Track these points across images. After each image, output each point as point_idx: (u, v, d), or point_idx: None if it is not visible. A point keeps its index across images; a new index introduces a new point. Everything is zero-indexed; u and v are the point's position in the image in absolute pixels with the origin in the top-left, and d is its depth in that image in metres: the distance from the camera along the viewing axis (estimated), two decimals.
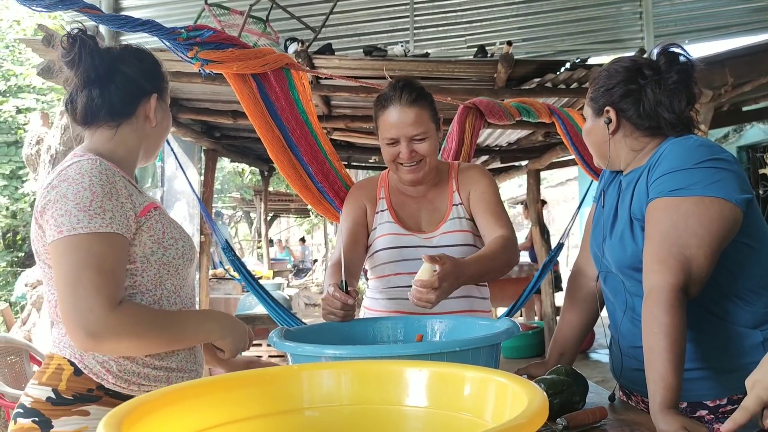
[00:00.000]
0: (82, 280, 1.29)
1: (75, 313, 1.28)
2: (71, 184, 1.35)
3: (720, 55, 4.10)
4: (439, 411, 0.86)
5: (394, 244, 1.98)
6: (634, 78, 1.54)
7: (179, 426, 0.80)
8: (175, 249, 1.48)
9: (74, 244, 1.31)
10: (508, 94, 4.45)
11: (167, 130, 1.63)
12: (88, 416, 1.37)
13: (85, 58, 1.44)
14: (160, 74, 1.58)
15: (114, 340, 1.30)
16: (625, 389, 1.66)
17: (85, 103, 1.49)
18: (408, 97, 1.89)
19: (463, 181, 2.04)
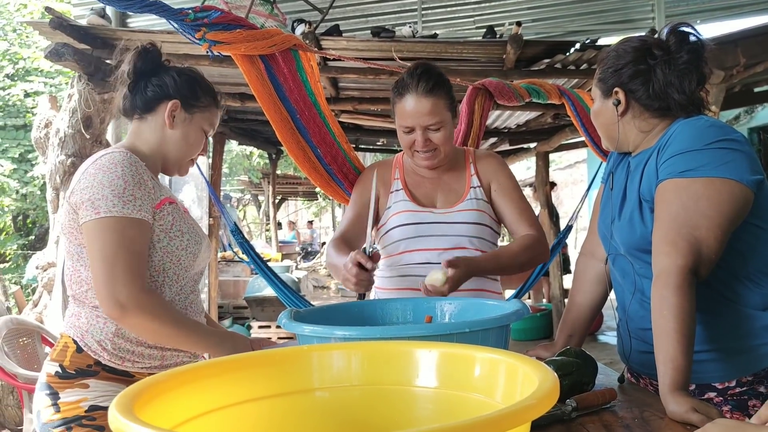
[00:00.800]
0: (119, 259, 1.47)
1: (110, 287, 1.46)
2: (106, 173, 1.52)
3: (732, 35, 4.04)
4: (450, 391, 0.87)
5: (409, 221, 2.00)
6: (644, 58, 1.52)
7: (190, 406, 0.80)
8: (180, 240, 1.63)
9: (110, 225, 1.48)
10: (518, 76, 4.41)
11: (188, 145, 1.72)
12: (87, 389, 1.54)
13: (138, 62, 1.67)
14: (194, 92, 1.70)
15: (138, 316, 1.48)
16: (634, 372, 1.66)
17: (123, 97, 1.71)
18: (425, 86, 1.89)
19: (483, 169, 2.06)
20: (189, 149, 1.73)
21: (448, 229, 1.97)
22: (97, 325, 1.56)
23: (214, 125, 1.78)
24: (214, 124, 1.77)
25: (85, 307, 1.59)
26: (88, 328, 1.56)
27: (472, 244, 1.97)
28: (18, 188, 11.55)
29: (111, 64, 4.60)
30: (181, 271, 1.64)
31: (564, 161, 19.40)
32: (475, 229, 1.97)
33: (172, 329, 1.54)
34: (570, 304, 1.83)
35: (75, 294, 1.61)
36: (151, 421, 0.69)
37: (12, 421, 4.49)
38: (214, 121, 1.78)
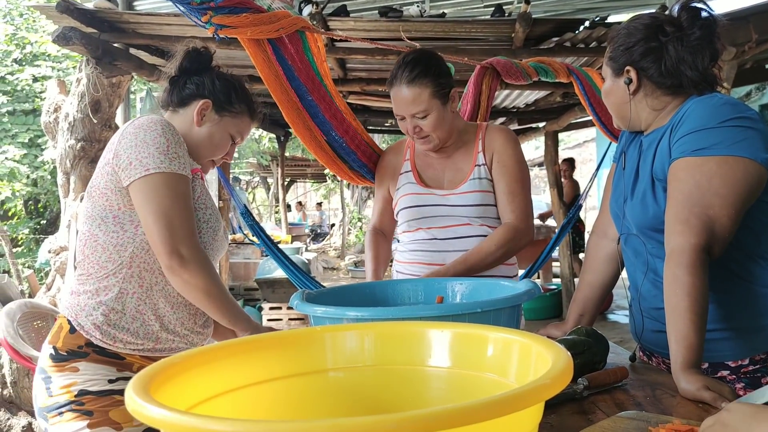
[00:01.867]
0: (176, 214, 1.52)
1: (172, 240, 1.50)
2: (147, 131, 1.55)
3: (744, 11, 3.99)
4: (463, 371, 0.87)
5: (413, 203, 2.08)
6: (655, 35, 1.50)
7: (205, 388, 0.81)
8: (203, 212, 1.66)
9: (163, 180, 1.52)
10: (526, 54, 4.37)
11: (212, 146, 1.75)
12: (77, 372, 1.54)
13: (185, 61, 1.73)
14: (229, 97, 1.74)
15: (195, 269, 1.52)
16: (646, 351, 1.66)
17: (164, 89, 1.78)
18: (408, 76, 1.95)
19: (489, 144, 2.09)
20: (212, 149, 1.75)
21: (450, 211, 2.04)
22: (94, 299, 1.56)
23: (243, 134, 1.80)
24: (243, 132, 1.80)
25: (87, 281, 1.59)
26: (84, 304, 1.57)
27: (477, 223, 2.03)
28: (28, 173, 11.60)
29: (119, 47, 4.60)
30: (203, 245, 1.63)
31: (573, 140, 19.29)
32: (477, 210, 2.02)
33: (221, 293, 1.58)
34: (581, 283, 1.83)
35: (85, 260, 1.60)
36: (167, 402, 0.70)
37: (28, 402, 4.55)
38: (244, 131, 1.80)
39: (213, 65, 1.79)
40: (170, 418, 0.58)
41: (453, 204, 2.03)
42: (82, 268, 1.61)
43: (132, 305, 1.58)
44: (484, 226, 2.03)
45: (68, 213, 4.72)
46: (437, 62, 2.01)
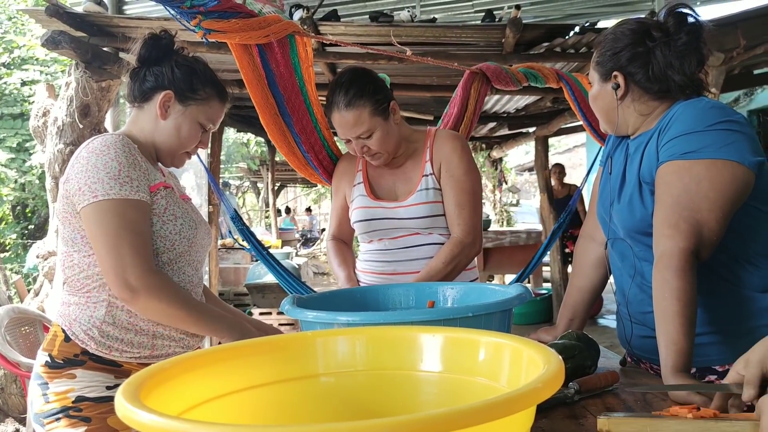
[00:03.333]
0: (124, 241, 1.46)
1: (119, 270, 1.45)
2: (99, 156, 1.51)
3: (732, 17, 4.02)
4: (454, 376, 0.87)
5: (364, 216, 2.10)
6: (642, 40, 1.51)
7: (196, 393, 0.81)
8: (173, 225, 1.60)
9: (110, 207, 1.47)
10: (517, 59, 4.39)
11: (180, 138, 1.69)
12: (74, 379, 1.53)
13: (143, 50, 1.67)
14: (190, 84, 1.67)
15: (148, 297, 1.47)
16: (635, 356, 1.66)
17: (127, 84, 1.72)
18: (344, 100, 1.95)
19: (437, 152, 2.09)
20: (181, 142, 1.69)
21: (398, 223, 2.06)
22: (86, 312, 1.55)
23: (213, 120, 1.73)
24: (213, 118, 1.73)
25: (75, 294, 1.58)
26: (76, 316, 1.55)
27: (426, 233, 2.06)
28: (16, 177, 11.52)
29: (109, 51, 4.58)
30: (176, 257, 1.62)
31: (563, 145, 19.36)
32: (425, 221, 2.05)
33: (182, 311, 1.52)
34: (570, 288, 1.83)
35: (67, 279, 1.60)
36: (158, 408, 0.69)
37: (15, 409, 4.51)
38: (214, 116, 1.73)
39: (177, 48, 1.72)
40: (160, 424, 0.58)
41: (401, 217, 2.06)
42: (67, 284, 1.61)
43: (123, 318, 1.56)
44: (434, 234, 2.06)
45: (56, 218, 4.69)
46: (370, 79, 2.02)
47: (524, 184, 19.48)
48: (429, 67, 4.61)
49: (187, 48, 1.75)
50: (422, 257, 2.04)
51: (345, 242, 2.26)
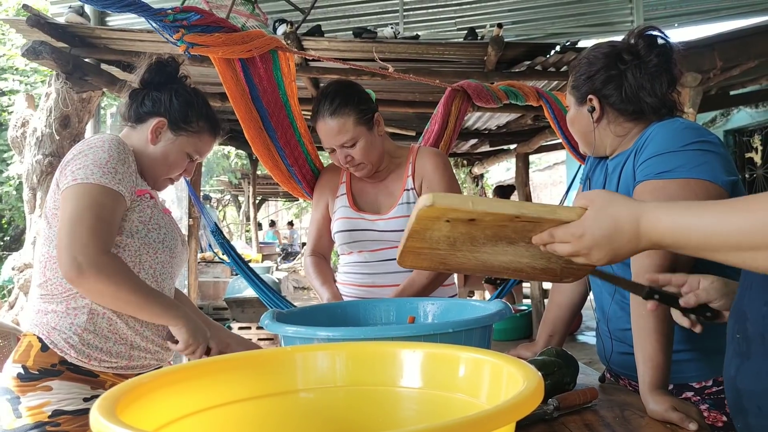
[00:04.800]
0: (83, 220, 1.45)
1: (70, 246, 1.43)
2: (92, 148, 1.54)
3: (709, 39, 4.09)
4: (434, 392, 0.87)
5: (345, 227, 2.12)
6: (615, 63, 1.54)
7: (174, 408, 0.80)
8: (157, 233, 1.62)
9: (83, 191, 1.48)
10: (498, 77, 4.43)
11: (167, 165, 1.71)
12: (50, 391, 1.49)
13: (147, 73, 1.70)
14: (185, 115, 1.70)
15: (95, 278, 1.43)
16: (613, 373, 1.67)
17: (124, 102, 1.75)
18: (329, 108, 1.99)
19: (419, 167, 2.13)
20: (167, 169, 1.72)
21: (378, 236, 2.08)
22: (66, 320, 1.53)
23: (201, 152, 1.76)
24: (201, 150, 1.76)
25: (53, 301, 1.55)
26: (56, 324, 1.53)
27: None
28: None
29: (90, 62, 4.55)
30: (158, 266, 1.62)
31: (543, 162, 19.51)
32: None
33: (130, 294, 1.48)
34: (550, 304, 1.84)
35: (46, 283, 1.56)
36: (134, 423, 0.69)
37: None
38: (202, 149, 1.76)
39: (180, 76, 1.76)
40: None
41: (381, 229, 2.08)
42: (45, 289, 1.57)
43: (104, 325, 1.55)
44: None
45: (34, 229, 4.63)
46: (356, 90, 2.06)
47: None
48: (411, 83, 4.63)
49: (190, 77, 1.79)
50: (401, 270, 2.05)
51: (324, 257, 2.25)
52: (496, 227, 1.00)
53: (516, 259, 1.10)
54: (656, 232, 0.91)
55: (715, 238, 0.86)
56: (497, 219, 0.98)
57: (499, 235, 1.02)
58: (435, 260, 1.13)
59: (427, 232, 1.03)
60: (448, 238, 1.04)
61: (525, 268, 1.13)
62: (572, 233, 0.97)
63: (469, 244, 1.05)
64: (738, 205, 0.85)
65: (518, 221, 0.98)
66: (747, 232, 0.82)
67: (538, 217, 0.98)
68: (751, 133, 7.60)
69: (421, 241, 1.06)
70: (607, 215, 0.95)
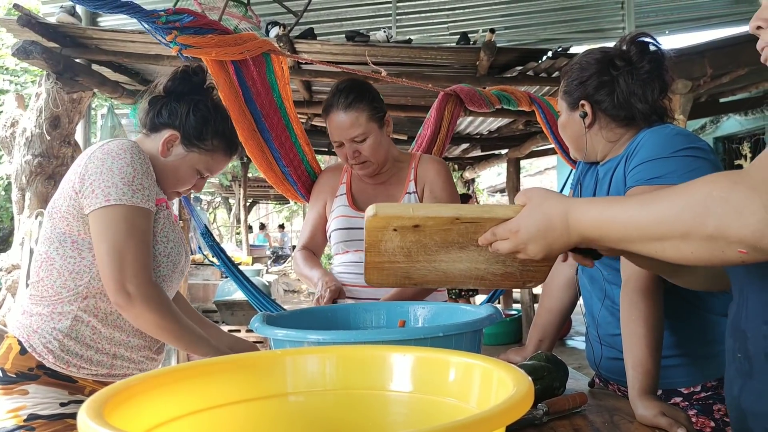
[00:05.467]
0: (129, 248, 1.47)
1: (120, 276, 1.45)
2: (115, 159, 1.51)
3: (699, 46, 4.13)
4: (424, 396, 0.86)
5: (344, 225, 2.14)
6: (607, 69, 1.54)
7: (162, 411, 0.79)
8: (164, 245, 1.61)
9: (119, 214, 1.48)
10: (490, 82, 4.45)
11: (176, 179, 1.69)
12: (27, 395, 1.48)
13: (172, 82, 1.68)
14: (200, 132, 1.67)
15: (144, 308, 1.47)
16: (603, 379, 1.68)
17: (143, 108, 1.72)
18: (344, 101, 2.02)
19: (421, 174, 2.16)
20: (175, 183, 1.69)
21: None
22: (49, 324, 1.51)
23: (212, 170, 1.73)
24: (212, 169, 1.73)
25: (40, 303, 1.53)
26: (37, 327, 1.51)
27: None
28: None
29: (81, 62, 4.53)
30: (159, 279, 1.60)
31: (534, 168, 19.58)
32: None
33: (173, 325, 1.52)
34: (540, 309, 1.85)
35: (38, 283, 1.55)
36: (122, 426, 0.68)
37: None
38: (214, 167, 1.73)
39: (207, 87, 1.73)
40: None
41: None
42: (35, 289, 1.56)
43: (87, 334, 1.53)
44: None
45: (22, 230, 4.60)
46: (370, 88, 2.10)
47: None
48: (404, 87, 4.64)
49: (216, 89, 1.76)
50: None
51: (314, 253, 2.26)
52: (442, 232, 1.03)
53: (473, 265, 1.12)
54: (582, 225, 0.95)
55: (632, 229, 0.89)
56: (439, 223, 1.01)
57: (447, 240, 1.05)
58: (398, 275, 1.17)
59: (380, 243, 1.07)
60: (402, 249, 1.07)
61: (486, 275, 1.16)
62: (509, 229, 1.01)
63: (423, 253, 1.08)
64: (653, 197, 0.88)
65: (459, 223, 1.01)
66: (657, 222, 0.85)
67: (476, 218, 1.01)
68: (740, 141, 7.65)
69: (378, 255, 1.09)
70: (540, 211, 0.98)
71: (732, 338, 1.03)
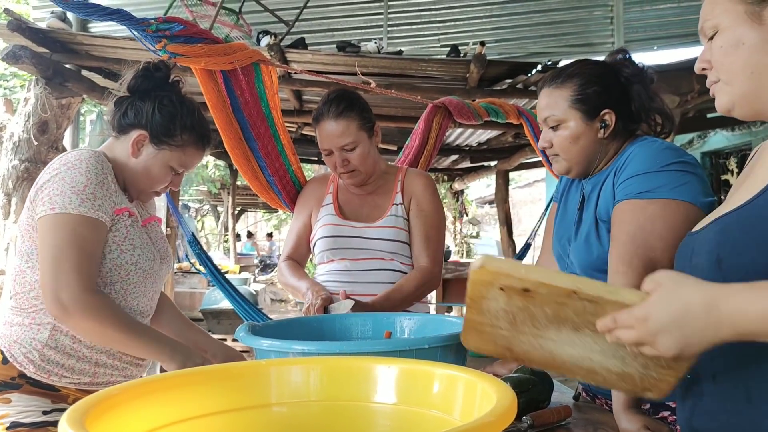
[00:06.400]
0: (66, 257, 1.42)
1: (54, 285, 1.41)
2: (69, 168, 1.48)
3: (687, 62, 4.16)
4: (408, 408, 0.86)
5: (330, 233, 2.14)
6: (618, 78, 1.55)
7: (144, 421, 0.79)
8: (130, 254, 1.57)
9: (63, 222, 1.44)
10: (480, 95, 4.47)
11: (149, 179, 1.65)
12: (9, 403, 1.47)
13: (134, 80, 1.63)
14: (168, 128, 1.62)
15: (80, 317, 1.42)
16: (590, 392, 1.68)
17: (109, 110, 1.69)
18: (335, 110, 2.04)
19: (408, 187, 2.18)
20: (149, 182, 1.65)
21: (364, 244, 2.11)
22: (28, 334, 1.50)
23: (187, 165, 1.68)
24: (186, 163, 1.68)
25: (20, 314, 1.52)
26: (17, 337, 1.50)
27: (388, 258, 2.11)
28: None
29: (71, 68, 4.52)
30: (130, 287, 1.57)
31: (523, 180, 19.65)
32: (391, 245, 2.11)
33: (117, 332, 1.45)
34: None
35: (15, 296, 1.54)
36: None
37: None
38: (188, 161, 1.68)
39: (173, 81, 1.68)
40: None
41: (369, 237, 2.11)
42: (15, 301, 1.55)
43: (66, 343, 1.51)
44: (395, 261, 2.11)
45: (8, 236, 4.56)
46: (360, 98, 2.12)
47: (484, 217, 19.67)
48: (393, 98, 4.66)
49: (182, 81, 1.72)
50: (382, 281, 2.07)
51: (299, 264, 2.25)
52: (554, 304, 0.92)
53: (586, 354, 0.99)
54: (744, 318, 0.83)
55: None
56: (552, 293, 0.91)
57: (559, 315, 0.94)
58: (499, 343, 1.03)
59: (483, 301, 0.96)
60: (506, 313, 0.96)
61: (599, 369, 1.00)
62: (636, 317, 0.88)
63: (530, 325, 0.97)
64: None
65: (576, 299, 0.90)
66: None
67: (597, 297, 0.90)
68: (728, 156, 7.72)
69: (479, 314, 0.99)
70: (677, 298, 0.86)
71: None
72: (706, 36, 1.05)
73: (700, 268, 0.97)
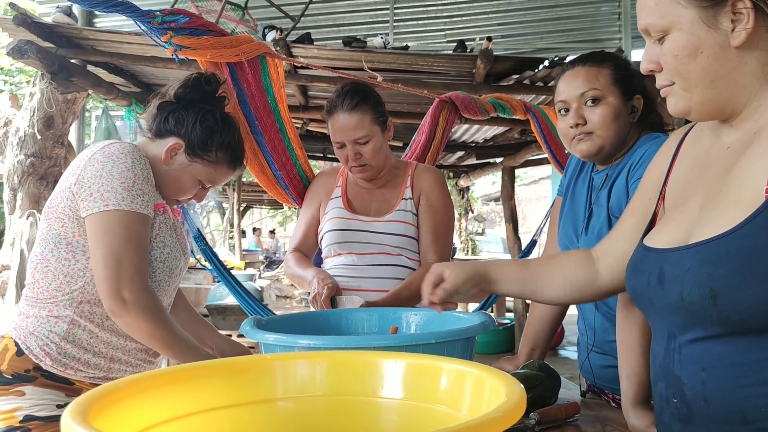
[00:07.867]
0: (126, 255, 1.45)
1: (117, 282, 1.43)
2: (116, 163, 1.49)
3: None
4: (415, 403, 0.85)
5: (339, 226, 2.12)
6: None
7: (149, 414, 0.78)
8: (160, 251, 1.58)
9: (117, 218, 1.46)
10: (487, 90, 4.45)
11: (177, 188, 1.66)
12: (23, 396, 1.47)
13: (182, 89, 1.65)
14: (205, 143, 1.63)
15: (137, 314, 1.45)
16: (597, 387, 1.67)
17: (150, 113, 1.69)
18: (350, 102, 2.02)
19: (418, 182, 2.17)
20: (175, 191, 1.66)
21: (372, 238, 2.09)
22: (45, 326, 1.50)
23: (215, 181, 1.70)
24: (215, 180, 1.70)
25: (36, 305, 1.52)
26: (34, 329, 1.50)
27: (395, 253, 2.09)
28: None
29: (77, 63, 4.52)
30: (155, 284, 1.58)
31: (529, 177, 19.64)
32: (399, 240, 2.09)
33: (165, 334, 1.49)
34: (531, 318, 1.84)
35: (34, 285, 1.54)
36: (107, 430, 0.67)
37: None
38: (217, 178, 1.70)
39: (220, 96, 1.70)
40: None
41: (377, 231, 2.09)
42: (31, 291, 1.54)
43: (84, 338, 1.52)
44: (402, 256, 2.09)
45: (13, 231, 4.57)
46: (374, 92, 2.12)
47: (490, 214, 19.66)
48: (400, 93, 4.64)
49: (229, 98, 1.74)
50: (388, 277, 2.05)
51: (306, 256, 2.24)
52: None
53: None
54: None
55: None
56: None
57: None
58: None
59: None
60: None
61: None
62: None
63: None
64: None
65: None
66: None
67: None
68: None
69: None
70: None
71: (663, 383, 1.01)
72: (651, 37, 1.02)
73: (688, 301, 0.93)
